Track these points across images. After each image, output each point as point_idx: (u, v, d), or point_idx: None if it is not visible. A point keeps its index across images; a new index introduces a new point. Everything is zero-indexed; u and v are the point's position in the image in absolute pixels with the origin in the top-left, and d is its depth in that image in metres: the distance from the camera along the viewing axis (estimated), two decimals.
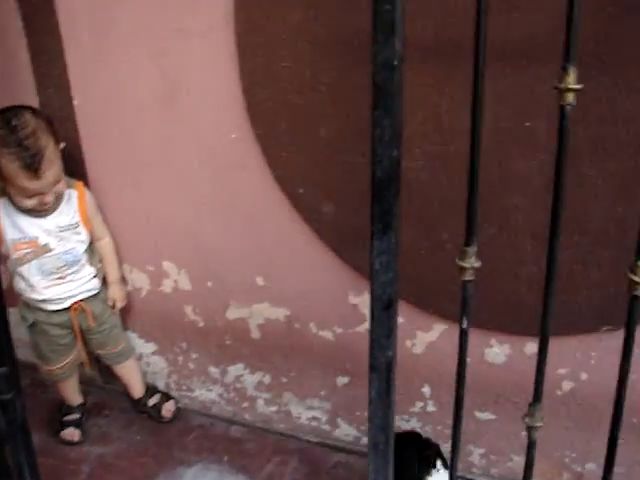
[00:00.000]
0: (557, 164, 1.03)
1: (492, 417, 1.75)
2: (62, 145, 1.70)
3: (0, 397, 1.52)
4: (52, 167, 1.63)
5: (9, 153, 1.59)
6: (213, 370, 1.98)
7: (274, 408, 1.96)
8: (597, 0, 1.24)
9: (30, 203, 1.68)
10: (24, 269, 1.79)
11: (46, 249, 1.77)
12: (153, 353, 2.05)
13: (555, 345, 1.61)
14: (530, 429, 1.19)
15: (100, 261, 1.89)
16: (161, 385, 2.09)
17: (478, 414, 1.76)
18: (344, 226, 1.60)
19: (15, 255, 1.77)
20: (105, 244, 1.89)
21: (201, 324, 1.92)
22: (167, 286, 1.90)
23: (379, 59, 1.01)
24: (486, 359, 1.68)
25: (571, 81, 0.97)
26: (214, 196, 1.73)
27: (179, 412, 2.05)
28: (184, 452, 1.92)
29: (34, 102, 1.78)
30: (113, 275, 1.91)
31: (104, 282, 1.91)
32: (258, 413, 1.98)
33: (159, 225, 1.83)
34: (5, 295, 1.50)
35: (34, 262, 1.78)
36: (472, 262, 1.10)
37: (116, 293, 1.92)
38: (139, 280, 1.93)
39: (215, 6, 1.50)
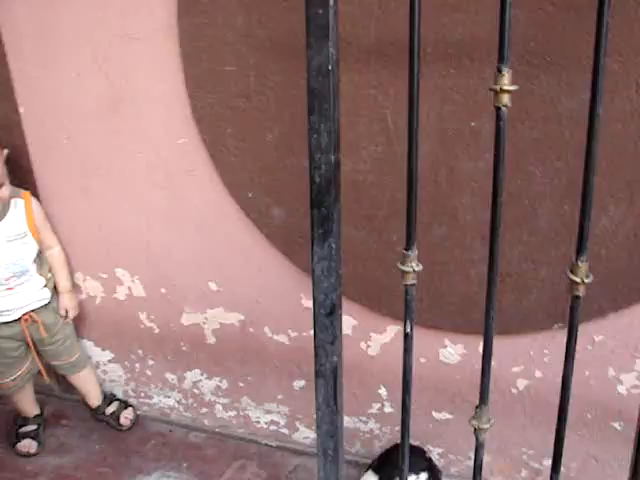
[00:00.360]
0: (495, 165, 1.02)
1: (449, 417, 1.75)
2: (5, 152, 1.67)
3: None
4: None
5: None
6: (170, 376, 1.96)
7: (233, 413, 1.95)
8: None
9: None
10: None
11: None
12: (110, 361, 2.03)
13: (508, 344, 1.64)
14: (477, 431, 1.19)
15: (50, 271, 1.86)
16: (119, 393, 2.07)
17: (435, 414, 1.76)
18: (293, 229, 1.59)
19: None
20: (55, 253, 1.86)
21: (156, 330, 1.90)
22: (121, 293, 1.88)
23: (313, 64, 1.01)
24: (441, 359, 1.68)
25: (506, 82, 0.96)
26: (164, 202, 1.71)
27: (137, 419, 2.03)
28: (143, 460, 1.90)
29: None
30: (63, 285, 1.88)
31: (55, 292, 1.88)
32: (217, 418, 1.97)
33: (111, 232, 1.81)
34: None
35: None
36: (413, 266, 1.09)
37: (67, 303, 1.88)
38: (92, 288, 1.91)
39: (158, 11, 1.49)
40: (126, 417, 2.02)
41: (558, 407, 1.18)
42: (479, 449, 1.20)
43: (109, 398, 2.05)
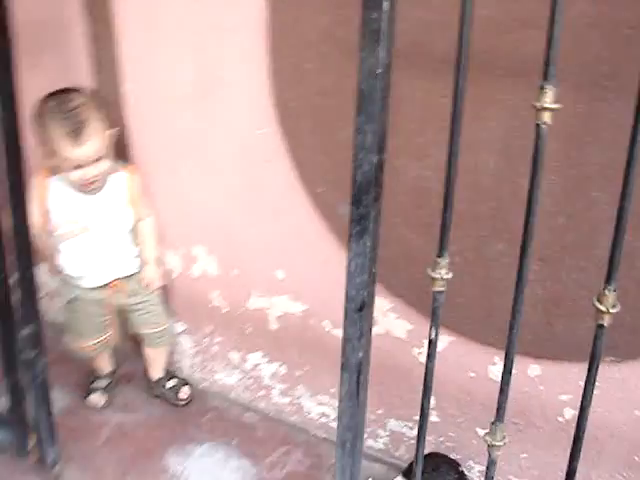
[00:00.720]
0: (531, 183, 1.03)
1: None
2: (114, 130, 1.78)
3: (24, 356, 1.65)
4: (94, 139, 1.70)
5: (55, 121, 1.68)
6: (234, 356, 2.05)
7: (287, 400, 2.01)
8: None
9: (74, 177, 1.74)
10: (68, 246, 1.86)
11: (90, 228, 1.84)
12: (181, 333, 2.13)
13: (558, 370, 1.61)
14: (490, 447, 1.19)
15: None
16: (186, 365, 2.17)
17: (479, 430, 1.75)
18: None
19: (59, 232, 1.84)
20: (146, 223, 1.94)
21: (225, 310, 1.98)
22: (196, 270, 1.97)
23: (364, 67, 1.05)
24: (490, 376, 1.67)
25: (547, 100, 0.96)
26: (243, 188, 1.79)
27: (198, 393, 2.12)
28: (197, 431, 2.00)
29: (89, 85, 1.89)
30: (148, 254, 1.95)
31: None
32: (272, 402, 2.03)
33: (193, 211, 1.91)
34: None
35: (79, 240, 1.85)
36: (442, 273, 1.11)
37: (149, 274, 1.96)
38: (172, 262, 2.02)
39: (250, 7, 1.56)
40: (184, 393, 2.09)
41: (573, 436, 1.17)
42: (491, 466, 1.20)
43: (170, 374, 2.13)
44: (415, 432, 1.82)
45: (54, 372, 2.09)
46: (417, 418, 1.80)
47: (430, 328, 1.16)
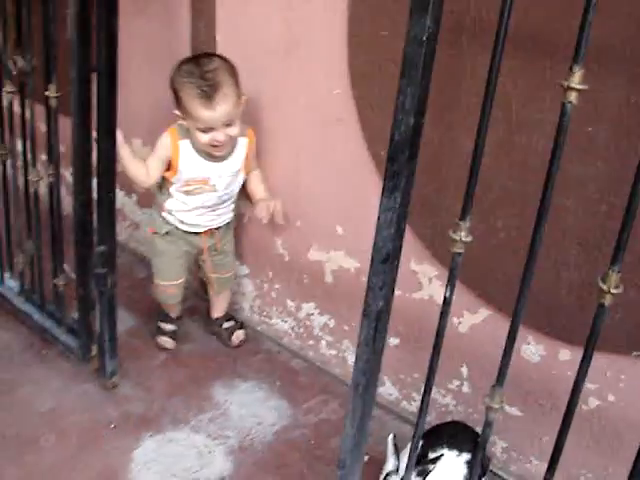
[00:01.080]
0: (551, 159, 1.07)
1: (519, 414, 1.78)
2: (244, 97, 1.84)
3: (96, 270, 1.82)
4: (226, 103, 1.77)
5: (190, 82, 1.77)
6: (290, 303, 2.16)
7: (334, 352, 2.11)
8: None
9: (205, 139, 1.82)
10: (188, 199, 1.97)
11: (213, 188, 1.95)
12: (244, 275, 2.27)
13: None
14: (488, 410, 1.25)
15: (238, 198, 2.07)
16: (246, 306, 2.31)
17: (507, 407, 1.79)
18: (414, 196, 1.69)
19: (185, 188, 1.95)
20: (258, 173, 2.04)
21: (286, 258, 2.10)
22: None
23: (410, 33, 1.11)
24: (522, 355, 1.71)
25: (576, 80, 1.00)
26: (314, 145, 1.89)
27: (251, 336, 2.24)
28: (246, 368, 2.13)
29: (187, 34, 2.03)
30: (261, 195, 2.03)
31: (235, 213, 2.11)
32: (320, 353, 2.14)
33: (268, 163, 2.02)
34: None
35: (198, 195, 1.96)
36: (462, 236, 1.18)
37: (266, 205, 1.98)
38: (243, 206, 2.14)
39: None
40: (237, 336, 2.20)
41: (564, 413, 1.21)
42: (487, 428, 1.26)
43: (228, 316, 2.25)
44: (447, 400, 1.90)
45: (126, 296, 2.31)
46: (451, 387, 1.88)
47: (446, 287, 1.22)
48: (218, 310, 2.25)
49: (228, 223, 2.09)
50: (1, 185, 2.12)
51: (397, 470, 1.60)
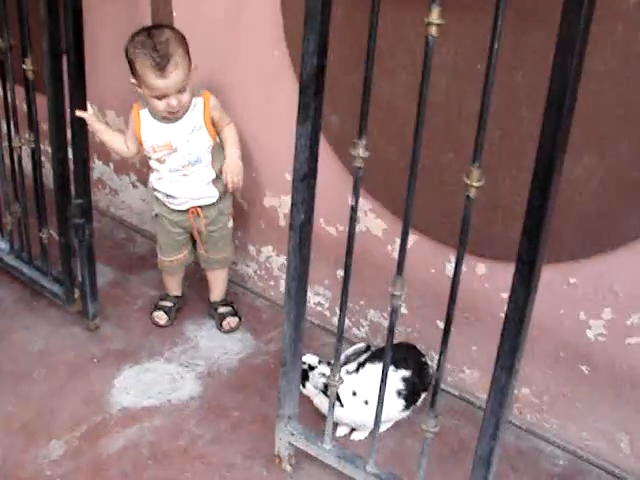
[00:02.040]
0: (421, 85, 1.31)
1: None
2: (194, 66, 1.98)
3: (74, 220, 2.07)
4: (177, 71, 1.91)
5: (144, 54, 1.90)
6: (251, 248, 2.41)
7: None
8: None
9: (160, 106, 1.96)
10: (160, 166, 2.10)
11: (175, 150, 2.06)
12: None
13: (499, 269, 1.87)
14: (392, 297, 1.49)
15: (220, 170, 2.12)
16: None
17: (439, 323, 2.03)
18: (347, 134, 1.90)
19: (154, 155, 2.08)
20: (228, 129, 2.12)
21: (245, 207, 2.35)
22: None
23: None
24: (446, 273, 1.95)
25: (434, 17, 1.24)
26: (259, 99, 2.13)
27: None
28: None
29: (148, 11, 2.28)
30: (230, 152, 2.10)
31: (223, 193, 2.17)
32: (279, 292, 2.38)
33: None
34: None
35: (168, 163, 2.08)
36: (360, 152, 1.42)
37: (230, 166, 2.08)
38: None
39: None
40: (228, 323, 2.31)
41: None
42: (392, 314, 1.50)
43: (225, 301, 2.36)
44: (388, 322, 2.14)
45: (108, 254, 2.57)
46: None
47: (351, 196, 1.46)
48: (214, 293, 2.36)
49: (212, 204, 2.17)
50: None
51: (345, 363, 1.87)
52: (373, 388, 1.67)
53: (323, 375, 1.80)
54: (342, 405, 1.78)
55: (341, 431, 1.94)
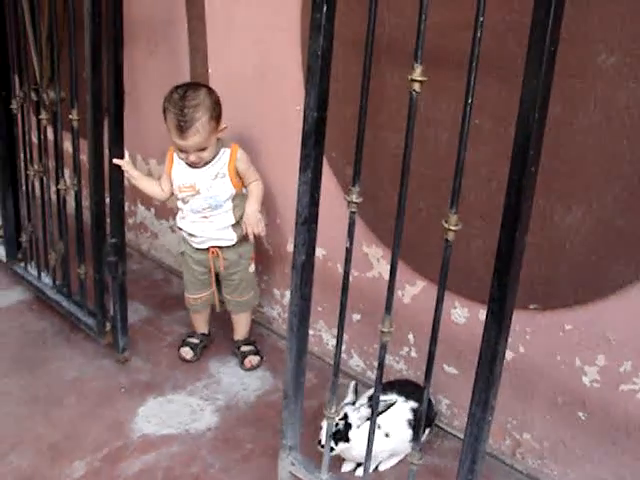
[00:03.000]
0: (406, 136, 1.42)
1: (456, 372, 2.08)
2: (223, 126, 2.15)
3: (108, 258, 2.24)
4: (196, 136, 2.07)
5: (172, 112, 2.07)
6: (276, 292, 2.54)
7: (311, 332, 2.44)
8: None
9: (181, 156, 2.15)
10: (184, 206, 2.27)
11: (198, 192, 2.21)
12: None
13: None
14: (382, 334, 1.58)
15: (241, 217, 2.24)
16: None
17: (445, 367, 2.10)
18: (362, 190, 2.03)
19: (180, 195, 2.24)
20: (253, 186, 2.26)
21: (271, 252, 2.48)
22: None
23: (310, 49, 1.50)
24: (452, 318, 2.02)
25: (417, 74, 1.37)
26: (287, 153, 2.26)
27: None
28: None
29: (186, 68, 2.48)
30: (250, 206, 2.23)
31: (244, 239, 2.29)
32: None
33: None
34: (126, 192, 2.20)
35: (191, 203, 2.23)
36: (353, 198, 1.54)
37: (248, 218, 2.21)
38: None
39: (290, 11, 2.06)
40: (250, 361, 2.42)
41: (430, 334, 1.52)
42: (382, 349, 1.59)
43: (248, 341, 2.48)
44: (400, 366, 2.23)
45: (144, 293, 2.73)
46: (402, 353, 2.21)
47: (347, 239, 1.57)
48: (237, 333, 2.49)
49: (231, 246, 2.29)
50: (39, 196, 2.58)
51: (353, 403, 1.95)
52: (394, 421, 1.90)
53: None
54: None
55: (347, 467, 2.01)
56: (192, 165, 2.19)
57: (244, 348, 2.47)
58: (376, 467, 1.99)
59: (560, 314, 1.79)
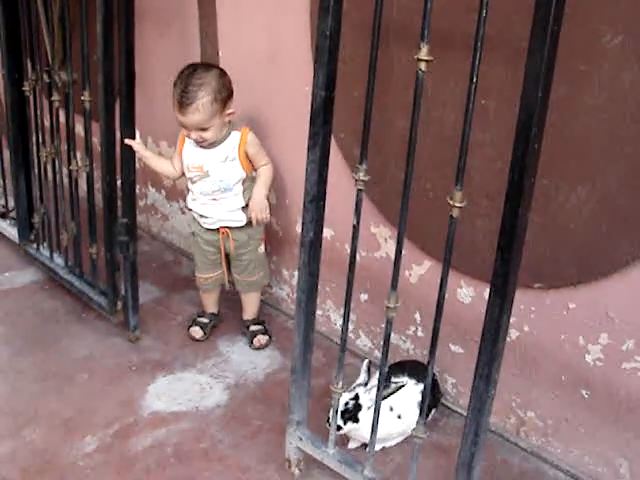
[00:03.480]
0: (412, 115, 1.45)
1: (461, 351, 2.11)
2: (230, 111, 2.16)
3: (119, 238, 2.27)
4: (195, 114, 2.08)
5: (176, 87, 2.10)
6: (285, 273, 2.57)
7: (319, 312, 2.49)
8: None
9: (185, 132, 2.17)
10: (193, 187, 2.29)
11: (207, 174, 2.23)
12: None
13: None
14: (387, 310, 1.60)
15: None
16: None
17: (452, 346, 2.13)
18: (370, 170, 2.06)
19: (188, 175, 2.27)
20: (263, 169, 2.27)
21: (280, 234, 2.51)
22: None
23: (319, 30, 1.52)
24: (457, 297, 2.05)
25: (423, 53, 1.39)
26: (296, 133, 2.28)
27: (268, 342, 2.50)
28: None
29: (197, 51, 2.51)
30: (257, 191, 2.25)
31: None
32: None
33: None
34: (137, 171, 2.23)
35: (201, 183, 2.26)
36: (360, 176, 1.56)
37: (254, 204, 2.24)
38: None
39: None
40: (259, 340, 2.45)
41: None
42: (388, 325, 1.61)
43: (257, 320, 2.50)
44: (407, 345, 2.26)
45: (155, 274, 2.77)
46: (409, 332, 2.24)
47: (353, 216, 1.60)
48: (247, 312, 2.52)
49: (241, 227, 2.31)
50: (52, 179, 2.61)
51: (366, 384, 1.99)
52: (405, 404, 1.95)
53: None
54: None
55: (353, 444, 2.04)
56: (201, 146, 2.21)
57: (253, 327, 2.50)
58: (382, 447, 2.02)
59: (564, 293, 1.82)
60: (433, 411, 2.05)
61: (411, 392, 1.99)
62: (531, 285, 1.86)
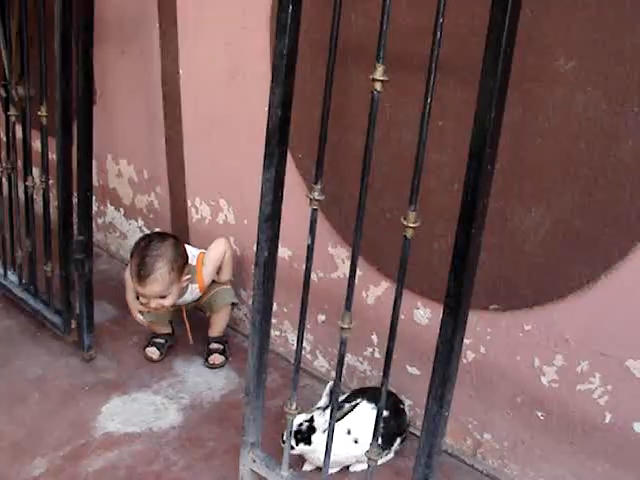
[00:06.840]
0: (367, 133, 1.45)
1: (418, 373, 2.10)
2: (186, 277, 2.27)
3: (75, 256, 2.23)
4: (155, 285, 2.16)
5: (134, 260, 2.20)
6: (243, 293, 2.54)
7: (277, 332, 2.47)
8: None
9: (143, 301, 2.26)
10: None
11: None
12: None
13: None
14: (341, 330, 1.59)
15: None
16: None
17: (409, 368, 2.12)
18: (328, 191, 2.05)
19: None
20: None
21: (238, 253, 2.49)
22: (220, 219, 2.50)
23: (276, 49, 1.52)
24: (414, 319, 2.04)
25: (378, 74, 1.39)
26: (253, 153, 2.28)
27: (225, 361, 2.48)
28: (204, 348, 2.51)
29: (158, 69, 2.49)
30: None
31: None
32: None
33: (221, 171, 2.44)
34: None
35: None
36: (315, 195, 1.55)
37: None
38: (204, 211, 2.55)
39: (260, 12, 2.09)
40: (214, 359, 2.43)
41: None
42: (342, 346, 1.60)
43: (219, 339, 2.49)
44: (365, 366, 2.24)
45: (112, 293, 2.72)
46: (365, 354, 2.23)
47: (307, 237, 1.59)
48: (212, 329, 2.51)
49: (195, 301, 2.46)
50: (7, 194, 2.57)
51: (326, 408, 1.95)
52: (363, 428, 1.89)
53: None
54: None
55: (308, 467, 2.01)
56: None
57: (213, 345, 2.48)
58: (347, 467, 2.00)
59: (520, 315, 1.82)
60: (398, 440, 2.03)
61: (369, 416, 1.97)
62: (487, 307, 1.86)
